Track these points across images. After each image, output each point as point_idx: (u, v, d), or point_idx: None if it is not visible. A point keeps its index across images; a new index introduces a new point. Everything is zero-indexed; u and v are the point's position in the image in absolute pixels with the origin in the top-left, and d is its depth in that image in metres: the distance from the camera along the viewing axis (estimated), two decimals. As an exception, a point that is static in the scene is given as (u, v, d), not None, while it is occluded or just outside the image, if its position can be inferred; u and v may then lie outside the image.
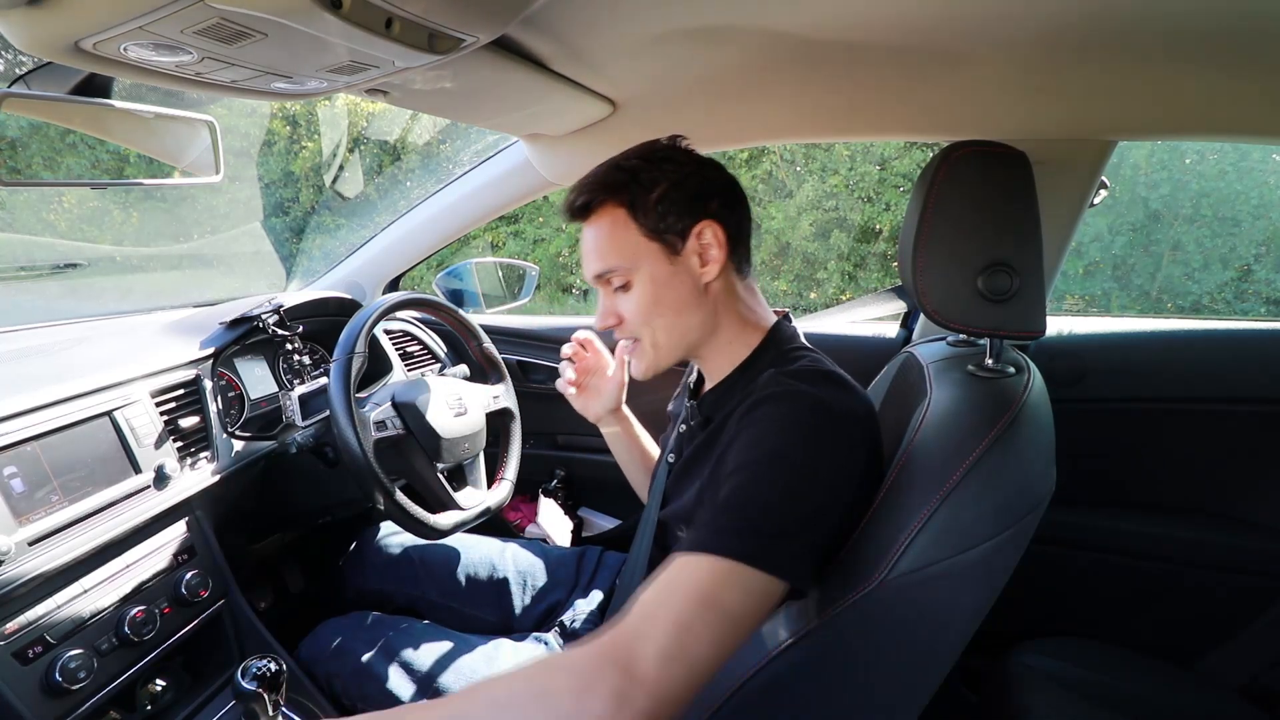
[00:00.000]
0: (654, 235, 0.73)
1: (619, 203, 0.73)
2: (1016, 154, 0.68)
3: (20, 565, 0.73)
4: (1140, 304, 4.16)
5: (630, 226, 0.73)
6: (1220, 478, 1.18)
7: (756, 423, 0.63)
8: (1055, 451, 0.67)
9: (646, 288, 0.74)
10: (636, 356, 0.78)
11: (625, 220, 0.73)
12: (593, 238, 0.75)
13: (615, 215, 0.74)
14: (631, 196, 0.73)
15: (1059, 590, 1.23)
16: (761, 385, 0.67)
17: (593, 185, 0.74)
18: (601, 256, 0.75)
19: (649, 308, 0.74)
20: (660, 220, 0.73)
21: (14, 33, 0.55)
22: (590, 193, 0.74)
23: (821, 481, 0.60)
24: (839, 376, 0.69)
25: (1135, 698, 0.94)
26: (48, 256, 3.68)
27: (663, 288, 0.74)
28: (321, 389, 1.16)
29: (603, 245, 0.74)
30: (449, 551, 1.10)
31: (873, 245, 4.88)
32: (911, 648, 0.63)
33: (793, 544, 0.58)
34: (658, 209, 0.73)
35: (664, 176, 0.73)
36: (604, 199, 0.74)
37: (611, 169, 0.74)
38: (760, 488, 0.59)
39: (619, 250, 0.74)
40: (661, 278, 0.74)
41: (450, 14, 0.59)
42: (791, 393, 0.64)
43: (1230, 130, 0.99)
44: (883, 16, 0.72)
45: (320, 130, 5.23)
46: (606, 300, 0.77)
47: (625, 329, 0.77)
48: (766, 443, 0.61)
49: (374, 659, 0.88)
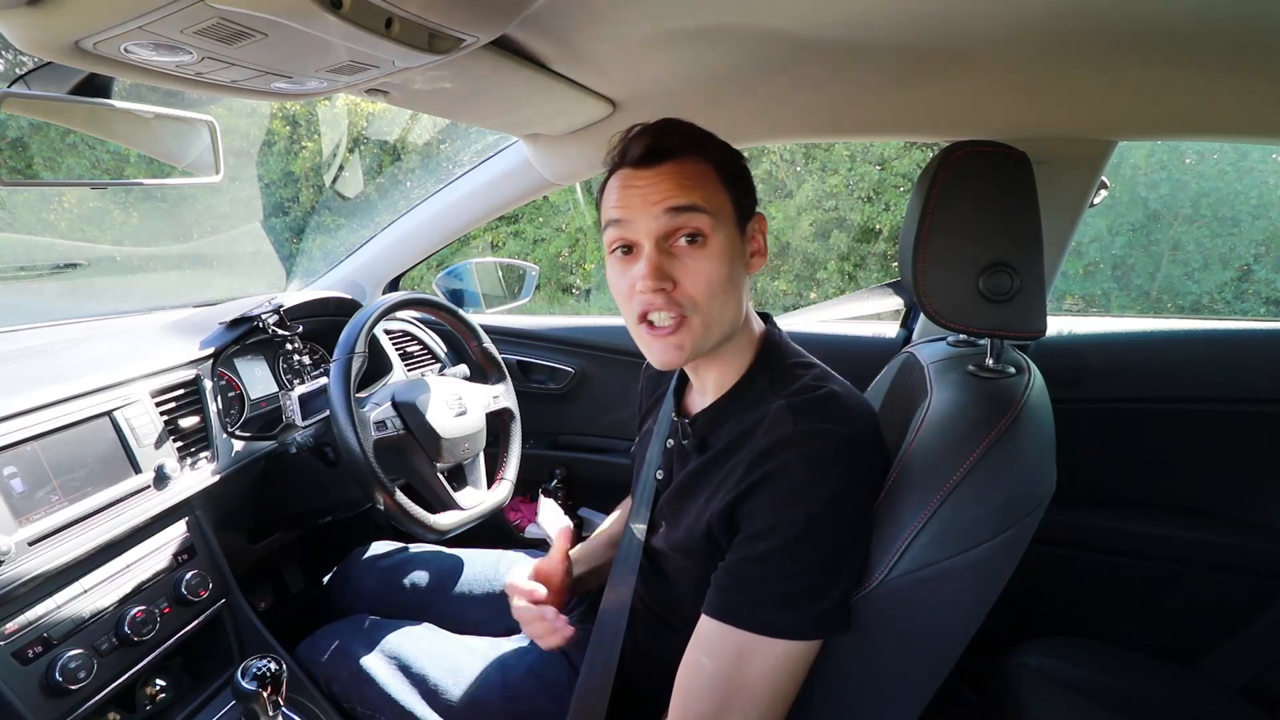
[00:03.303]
0: (735, 202, 0.67)
1: (706, 158, 0.66)
2: (1016, 154, 0.68)
3: (20, 565, 0.73)
4: (1140, 304, 4.15)
5: (717, 183, 0.66)
6: (1220, 478, 1.18)
7: (779, 478, 0.60)
8: (1055, 451, 0.67)
9: (722, 249, 0.65)
10: (671, 341, 0.66)
11: (711, 173, 0.66)
12: (675, 173, 0.64)
13: (701, 166, 0.65)
14: (720, 158, 0.67)
15: (1059, 590, 1.23)
16: (772, 422, 0.64)
17: (685, 134, 0.67)
18: (686, 191, 0.63)
19: (717, 276, 0.64)
20: (742, 193, 0.68)
21: (14, 33, 0.55)
22: (682, 137, 0.66)
23: (856, 521, 0.62)
24: (843, 393, 0.66)
25: (1135, 698, 0.94)
26: (48, 256, 3.67)
27: (733, 258, 0.66)
28: (321, 389, 1.16)
29: (688, 182, 0.64)
30: (438, 571, 1.08)
31: (873, 245, 4.88)
32: (912, 647, 0.63)
33: (842, 597, 0.60)
34: (740, 181, 0.68)
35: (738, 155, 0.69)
36: (693, 151, 0.66)
37: (691, 128, 0.68)
38: (790, 555, 0.59)
39: (706, 194, 0.64)
40: (734, 247, 0.66)
41: (450, 14, 0.59)
42: (814, 434, 0.61)
43: (1230, 130, 0.99)
44: (883, 16, 0.71)
45: (320, 130, 5.23)
46: (658, 258, 0.64)
47: (677, 295, 0.64)
48: (802, 502, 0.59)
49: (372, 661, 0.88)
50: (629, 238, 0.66)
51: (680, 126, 0.68)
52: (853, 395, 0.67)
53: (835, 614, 0.60)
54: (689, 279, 0.64)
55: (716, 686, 0.60)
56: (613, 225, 0.67)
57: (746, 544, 0.61)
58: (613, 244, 0.68)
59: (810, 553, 0.59)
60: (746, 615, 0.59)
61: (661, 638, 0.76)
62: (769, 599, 0.59)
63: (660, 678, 0.67)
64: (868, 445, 0.64)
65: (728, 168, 0.67)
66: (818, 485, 0.59)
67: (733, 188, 0.67)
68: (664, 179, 0.64)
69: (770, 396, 0.68)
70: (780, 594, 0.59)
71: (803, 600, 0.59)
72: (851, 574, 0.61)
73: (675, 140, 0.65)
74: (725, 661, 0.60)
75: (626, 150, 0.66)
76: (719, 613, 0.61)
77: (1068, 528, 1.20)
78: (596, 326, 1.59)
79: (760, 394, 0.69)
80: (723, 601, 0.61)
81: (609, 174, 0.70)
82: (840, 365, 0.73)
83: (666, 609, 0.79)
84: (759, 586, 0.60)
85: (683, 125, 0.68)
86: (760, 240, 0.70)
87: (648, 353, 0.69)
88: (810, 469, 0.60)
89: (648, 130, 0.66)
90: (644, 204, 0.64)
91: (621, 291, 0.68)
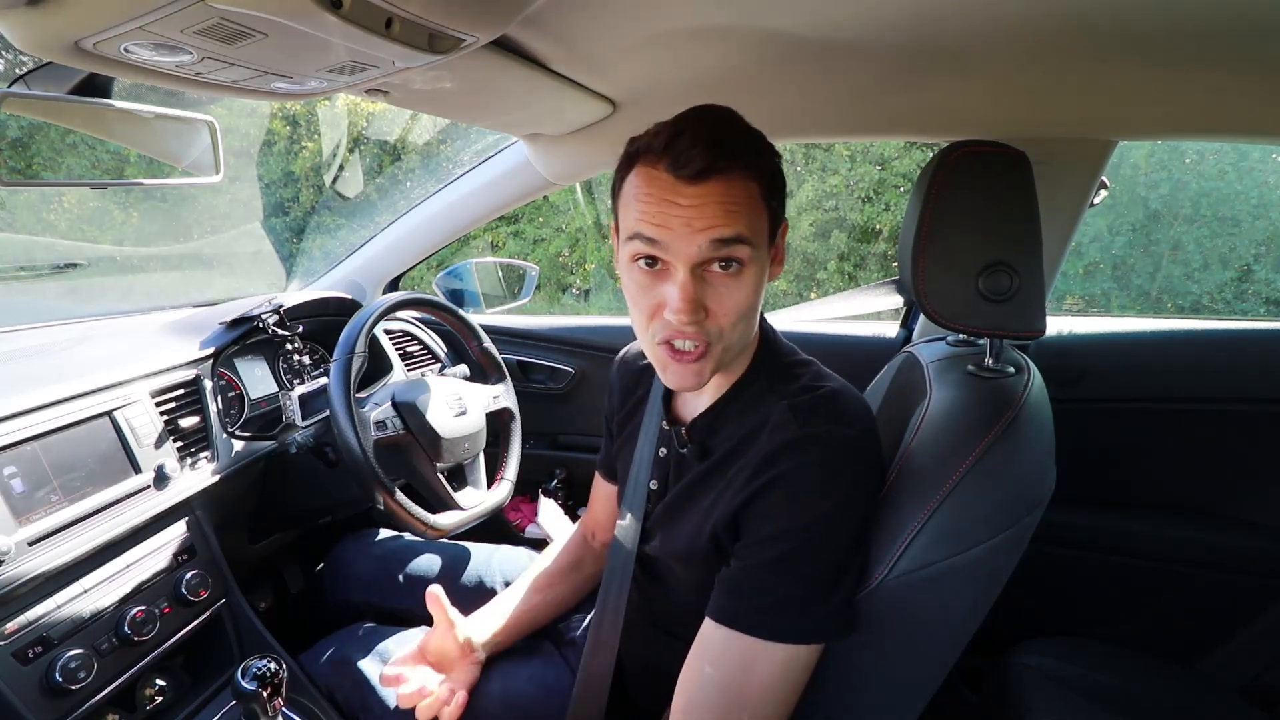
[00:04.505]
0: (770, 217, 0.61)
1: (757, 176, 0.59)
2: (1016, 154, 0.68)
3: (20, 565, 0.73)
4: (1140, 304, 4.15)
5: (760, 205, 0.60)
6: (1220, 478, 1.18)
7: (794, 479, 0.60)
8: (1055, 451, 0.67)
9: (755, 280, 0.60)
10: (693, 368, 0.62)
11: (757, 195, 0.59)
12: (723, 196, 0.57)
13: (749, 186, 0.59)
14: (768, 170, 0.60)
15: (1059, 590, 1.23)
16: (777, 423, 0.63)
17: (735, 149, 0.58)
18: (733, 221, 0.57)
19: (748, 304, 0.61)
20: (780, 204, 0.63)
21: (14, 33, 0.55)
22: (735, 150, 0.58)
23: (861, 523, 0.62)
24: (842, 390, 0.66)
25: (1135, 698, 0.94)
26: (48, 256, 3.67)
27: (763, 280, 0.62)
28: (321, 389, 1.16)
29: (736, 209, 0.57)
30: (431, 562, 1.08)
31: (873, 245, 4.88)
32: (912, 647, 0.63)
33: (847, 598, 0.60)
34: (779, 194, 0.62)
35: (777, 157, 0.63)
36: (744, 168, 0.58)
37: (743, 133, 0.60)
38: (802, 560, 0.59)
39: (750, 221, 0.58)
40: (765, 268, 0.62)
41: (450, 14, 0.59)
42: (819, 439, 0.61)
43: (1230, 130, 0.99)
44: (882, 16, 0.71)
45: (320, 130, 5.22)
46: (693, 288, 0.58)
47: (708, 324, 0.60)
48: (811, 506, 0.59)
49: (373, 669, 0.87)
50: (660, 256, 0.59)
51: (735, 132, 0.60)
52: (851, 393, 0.67)
53: (841, 616, 0.60)
54: (720, 308, 0.60)
55: (721, 694, 0.59)
56: (641, 240, 0.59)
57: (754, 549, 0.61)
58: (637, 256, 0.60)
59: (819, 557, 0.59)
60: (754, 620, 0.59)
61: (663, 647, 0.76)
62: (777, 604, 0.59)
63: (662, 689, 0.66)
64: (870, 447, 0.64)
65: (770, 182, 0.61)
66: (827, 489, 0.59)
67: (772, 203, 0.61)
68: (710, 202, 0.57)
69: (770, 397, 0.67)
70: (788, 598, 0.59)
71: (810, 604, 0.59)
72: (855, 575, 0.61)
73: (729, 155, 0.57)
74: (730, 668, 0.59)
75: (672, 153, 0.57)
76: (725, 618, 0.61)
77: (1068, 528, 1.20)
78: (596, 326, 1.59)
79: (759, 395, 0.68)
80: (729, 607, 0.61)
81: (633, 162, 0.61)
82: (840, 365, 0.73)
83: (667, 618, 0.79)
84: (767, 592, 0.59)
85: (737, 131, 0.60)
86: (782, 247, 0.66)
87: (663, 374, 0.65)
88: (819, 473, 0.60)
89: (701, 138, 0.57)
90: (686, 230, 0.57)
91: (643, 308, 0.62)
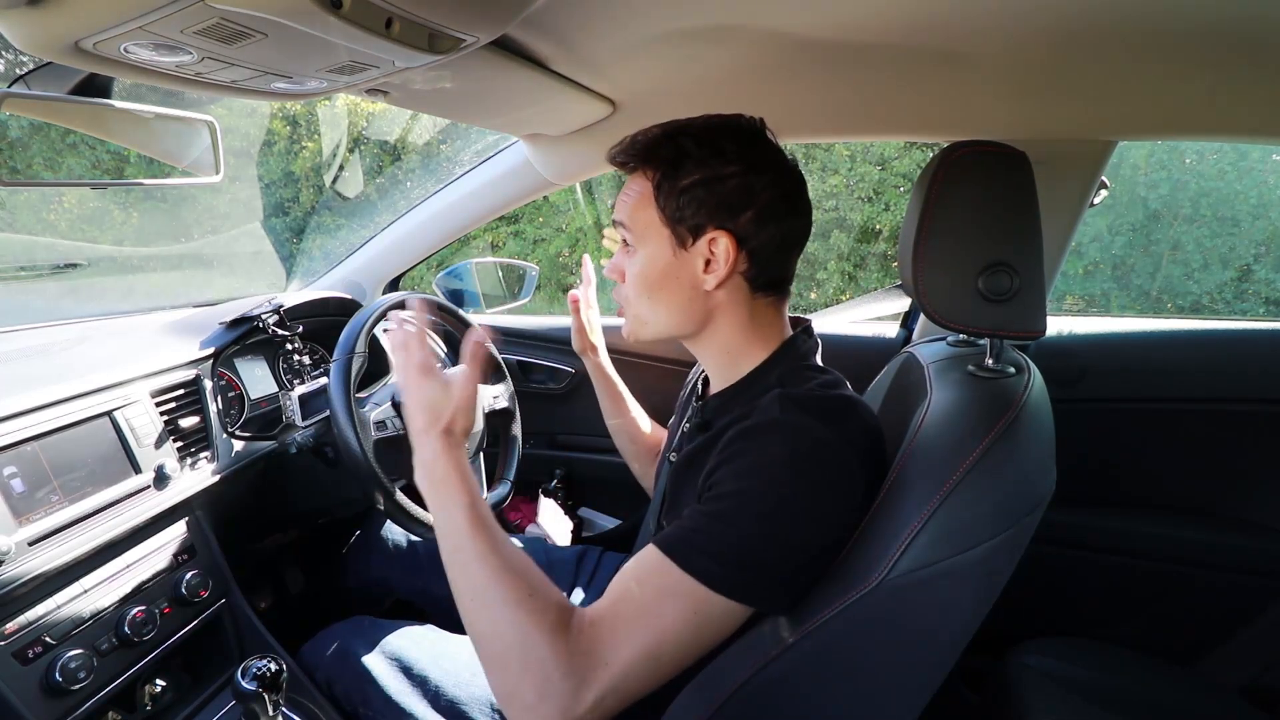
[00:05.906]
0: (667, 222, 0.71)
1: (649, 176, 0.72)
2: (1016, 154, 0.68)
3: (20, 565, 0.73)
4: (1140, 304, 4.15)
5: (650, 203, 0.72)
6: (1220, 478, 1.18)
7: (752, 452, 0.62)
8: (1055, 451, 0.67)
9: (644, 265, 0.73)
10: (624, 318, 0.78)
11: (649, 194, 0.72)
12: (628, 186, 0.75)
13: (643, 186, 0.72)
14: (662, 175, 0.71)
15: (1059, 590, 1.23)
16: (764, 406, 0.66)
17: (637, 149, 0.73)
18: (620, 208, 0.75)
19: (640, 283, 0.74)
20: (679, 210, 0.70)
21: (14, 33, 0.55)
22: (630, 156, 0.73)
23: (810, 518, 0.61)
24: (846, 402, 0.67)
25: (1135, 698, 0.94)
26: (48, 256, 3.68)
27: (659, 273, 0.72)
28: (321, 389, 1.16)
29: (625, 203, 0.74)
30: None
31: (873, 245, 4.88)
32: (911, 647, 0.63)
33: (784, 581, 0.61)
34: (680, 198, 0.70)
35: (704, 169, 0.69)
36: (639, 166, 0.73)
37: (663, 138, 0.72)
38: (743, 518, 0.60)
39: (633, 218, 0.73)
40: (660, 263, 0.72)
41: (450, 14, 0.59)
42: (792, 427, 0.62)
43: (1230, 130, 0.99)
44: (882, 16, 0.71)
45: (320, 130, 5.22)
46: (620, 252, 0.77)
47: (620, 291, 0.77)
48: (760, 476, 0.61)
49: (374, 663, 0.88)
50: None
51: (639, 143, 0.73)
52: (851, 403, 0.67)
53: (767, 589, 0.61)
54: (626, 276, 0.75)
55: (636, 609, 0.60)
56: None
57: (706, 501, 0.63)
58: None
59: (761, 526, 0.60)
60: (683, 553, 0.60)
61: None
62: (706, 545, 0.60)
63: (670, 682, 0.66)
64: (849, 452, 0.63)
65: (668, 185, 0.70)
66: (779, 467, 0.61)
67: (672, 210, 0.70)
68: (625, 189, 0.75)
69: (774, 390, 0.68)
70: (721, 545, 0.60)
71: (736, 561, 0.59)
72: (802, 565, 0.62)
73: (626, 160, 0.74)
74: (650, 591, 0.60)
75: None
76: (660, 543, 0.62)
77: (1068, 528, 1.20)
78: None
79: (767, 388, 0.70)
80: (667, 536, 0.62)
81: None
82: (840, 365, 0.73)
83: None
84: (700, 531, 0.61)
85: (644, 138, 0.72)
86: (716, 260, 0.70)
87: None
88: (778, 453, 0.61)
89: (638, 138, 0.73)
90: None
91: None
